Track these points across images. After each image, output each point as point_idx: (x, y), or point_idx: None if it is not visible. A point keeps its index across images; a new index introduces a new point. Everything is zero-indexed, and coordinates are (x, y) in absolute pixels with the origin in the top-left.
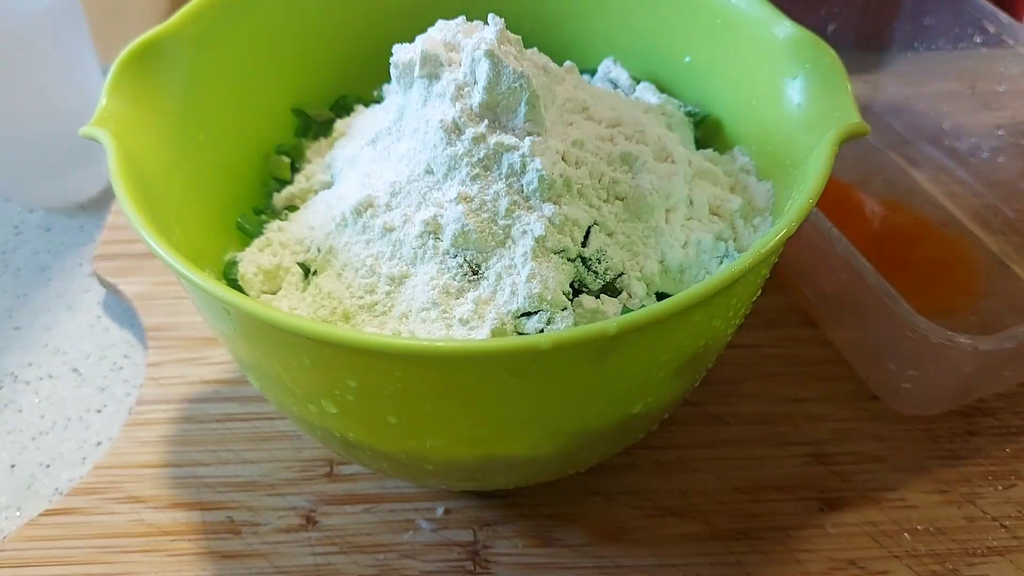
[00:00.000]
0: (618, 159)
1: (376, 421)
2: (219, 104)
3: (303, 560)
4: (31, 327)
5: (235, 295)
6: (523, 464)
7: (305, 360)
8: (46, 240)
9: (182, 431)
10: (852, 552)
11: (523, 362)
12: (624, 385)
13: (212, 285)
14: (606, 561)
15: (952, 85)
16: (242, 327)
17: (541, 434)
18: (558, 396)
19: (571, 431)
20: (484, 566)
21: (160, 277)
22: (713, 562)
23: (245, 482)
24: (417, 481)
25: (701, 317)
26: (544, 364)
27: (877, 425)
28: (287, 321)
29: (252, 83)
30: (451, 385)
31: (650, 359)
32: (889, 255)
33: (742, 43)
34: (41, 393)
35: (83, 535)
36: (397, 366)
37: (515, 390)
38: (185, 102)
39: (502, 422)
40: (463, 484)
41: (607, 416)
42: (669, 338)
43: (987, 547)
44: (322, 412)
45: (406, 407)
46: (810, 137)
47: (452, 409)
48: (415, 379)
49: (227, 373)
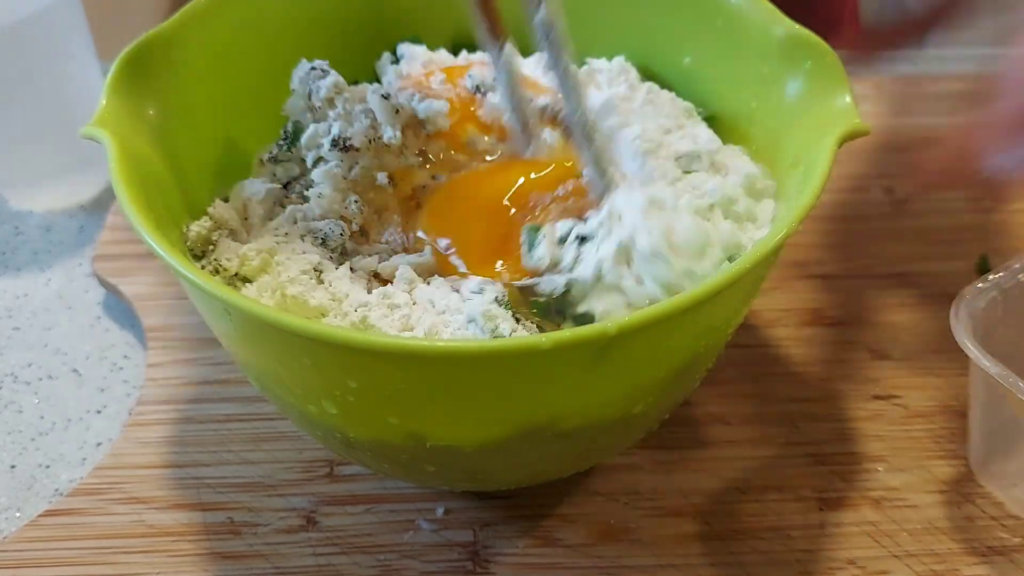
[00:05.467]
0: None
1: (377, 421)
2: (219, 104)
3: (304, 561)
4: (31, 327)
5: (235, 295)
6: (523, 464)
7: (305, 360)
8: (46, 240)
9: (182, 432)
10: (852, 552)
11: (522, 361)
12: (624, 385)
13: (212, 285)
14: (606, 561)
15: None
16: (242, 327)
17: (542, 434)
18: (558, 396)
19: (571, 431)
20: (484, 566)
21: (160, 277)
22: (713, 562)
23: (246, 483)
24: (418, 482)
25: (701, 318)
26: (544, 363)
27: (877, 425)
28: (287, 322)
29: (252, 83)
30: (451, 385)
31: (650, 359)
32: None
33: (742, 43)
34: (41, 394)
35: (83, 536)
36: (397, 366)
37: (515, 390)
38: (185, 101)
39: (503, 422)
40: (464, 484)
41: (607, 416)
42: (669, 338)
43: (987, 547)
44: (322, 412)
45: (407, 407)
46: (811, 137)
47: (453, 409)
48: (415, 379)
49: (227, 373)
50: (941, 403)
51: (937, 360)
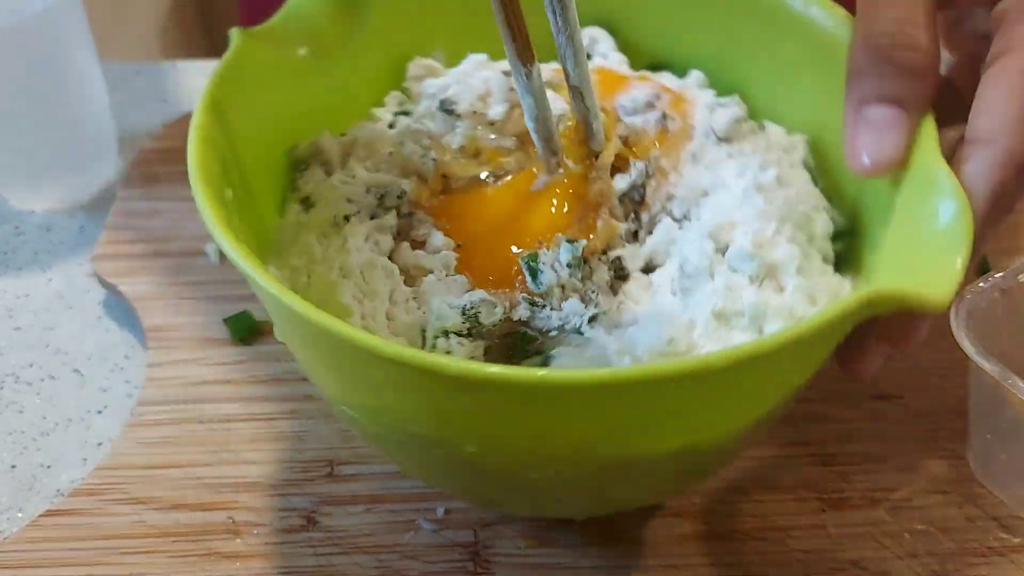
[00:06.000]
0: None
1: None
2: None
3: (304, 561)
4: (31, 327)
5: (362, 335)
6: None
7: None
8: (46, 240)
9: (183, 432)
10: (853, 552)
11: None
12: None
13: (336, 324)
14: (606, 561)
15: None
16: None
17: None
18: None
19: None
20: (485, 566)
21: (160, 277)
22: (713, 562)
23: (246, 483)
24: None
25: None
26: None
27: (879, 426)
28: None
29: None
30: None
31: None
32: None
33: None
34: (42, 394)
35: (84, 536)
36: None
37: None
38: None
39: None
40: (522, 509)
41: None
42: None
43: (987, 547)
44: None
45: (494, 438)
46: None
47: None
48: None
49: (227, 373)
50: (941, 403)
51: (937, 360)
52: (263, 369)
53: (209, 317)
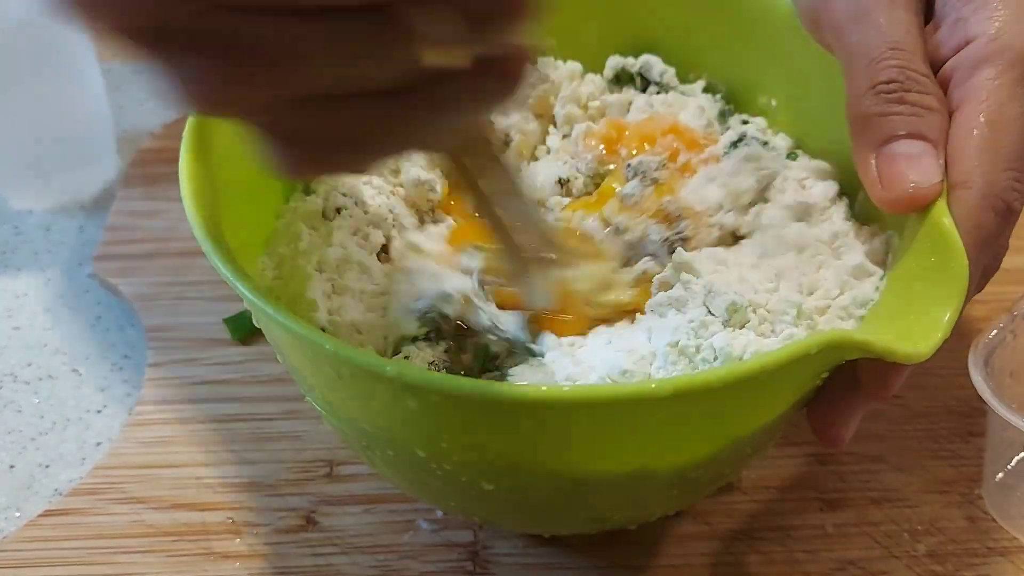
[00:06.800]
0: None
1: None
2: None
3: (303, 561)
4: (31, 327)
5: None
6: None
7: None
8: (46, 240)
9: (182, 432)
10: (852, 552)
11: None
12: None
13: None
14: (606, 561)
15: None
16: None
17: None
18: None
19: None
20: (484, 566)
21: (160, 277)
22: (713, 562)
23: (246, 483)
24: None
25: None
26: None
27: (877, 425)
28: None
29: None
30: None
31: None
32: None
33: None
34: (41, 393)
35: (83, 536)
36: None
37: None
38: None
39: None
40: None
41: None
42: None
43: (987, 547)
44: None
45: (436, 444)
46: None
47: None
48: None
49: (227, 373)
50: (941, 403)
51: (937, 360)
52: (263, 369)
53: (209, 317)
